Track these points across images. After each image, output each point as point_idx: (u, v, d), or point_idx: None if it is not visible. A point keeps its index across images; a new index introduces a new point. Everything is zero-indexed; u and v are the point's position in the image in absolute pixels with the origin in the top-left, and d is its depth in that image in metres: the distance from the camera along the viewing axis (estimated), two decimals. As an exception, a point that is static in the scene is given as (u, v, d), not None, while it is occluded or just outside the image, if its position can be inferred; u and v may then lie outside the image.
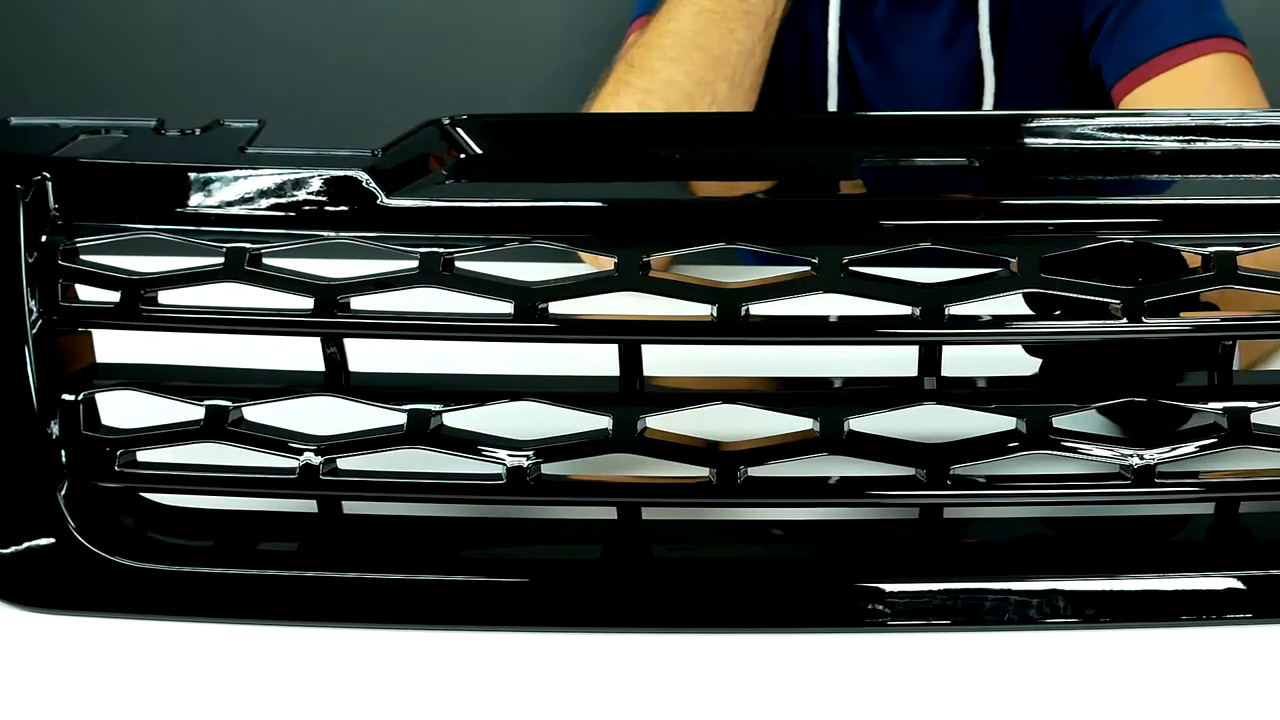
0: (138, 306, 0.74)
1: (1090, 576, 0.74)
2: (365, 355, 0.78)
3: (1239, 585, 0.74)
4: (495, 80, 2.17)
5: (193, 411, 0.75)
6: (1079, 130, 0.78)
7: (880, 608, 0.73)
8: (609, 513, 0.76)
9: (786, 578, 0.75)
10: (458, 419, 0.75)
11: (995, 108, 1.43)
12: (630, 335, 0.75)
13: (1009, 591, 0.74)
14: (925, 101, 1.44)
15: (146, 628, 0.74)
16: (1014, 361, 0.81)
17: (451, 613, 0.74)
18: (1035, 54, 1.42)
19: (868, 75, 1.45)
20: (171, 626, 0.74)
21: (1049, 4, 1.42)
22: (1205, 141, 0.77)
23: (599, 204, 0.74)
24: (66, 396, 0.75)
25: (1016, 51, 1.42)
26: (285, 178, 0.74)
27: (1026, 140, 0.78)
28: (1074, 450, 0.74)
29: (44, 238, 0.75)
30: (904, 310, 0.73)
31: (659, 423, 0.75)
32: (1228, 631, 0.73)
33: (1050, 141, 0.78)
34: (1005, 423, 0.74)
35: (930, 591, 0.74)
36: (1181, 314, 0.74)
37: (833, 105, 1.46)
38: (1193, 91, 1.28)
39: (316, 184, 0.74)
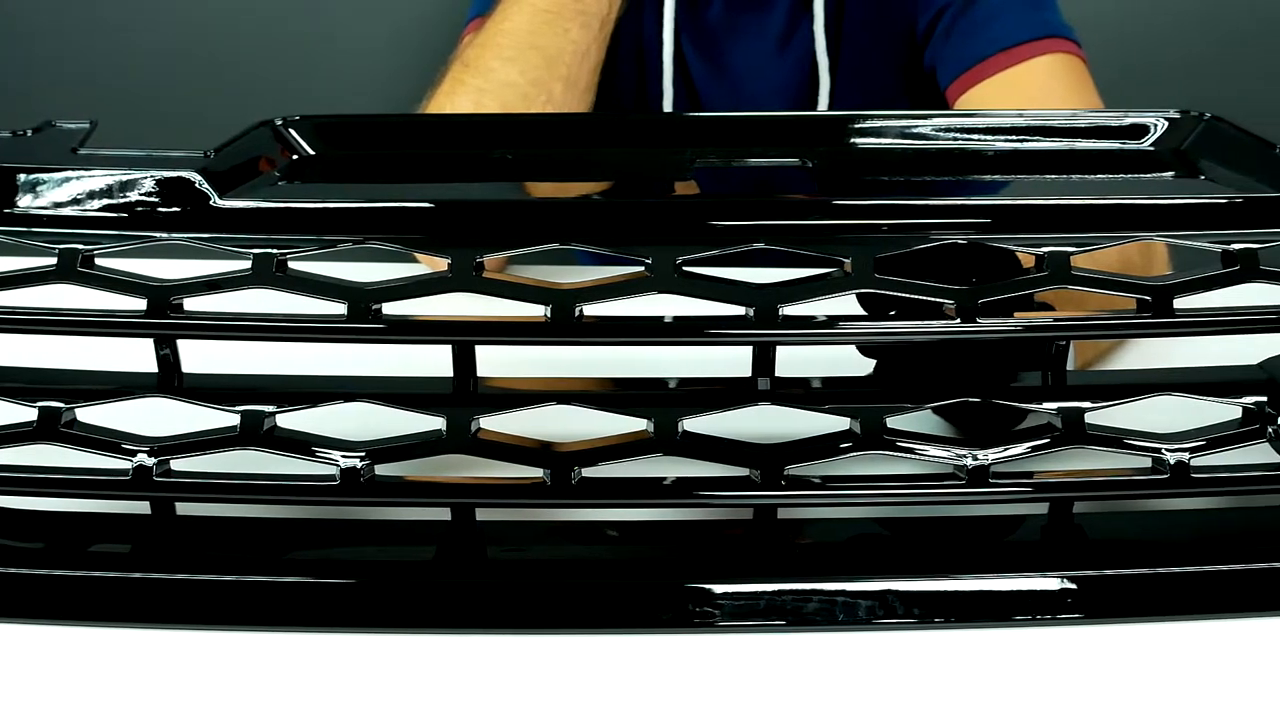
0: (-31, 308, 0.74)
1: (924, 577, 0.74)
2: (220, 356, 0.78)
3: (1070, 586, 0.74)
4: (330, 81, 2.15)
5: (25, 413, 0.75)
6: (913, 131, 0.78)
7: (712, 609, 0.73)
8: (445, 514, 0.76)
9: (618, 579, 0.75)
10: (292, 420, 0.75)
11: (831, 108, 1.42)
12: (463, 336, 0.75)
13: (843, 592, 0.74)
14: (761, 102, 1.44)
15: (-22, 630, 0.73)
16: (849, 362, 0.81)
17: (283, 614, 0.73)
18: (870, 54, 1.42)
19: (703, 76, 1.45)
20: (3, 629, 0.73)
21: (884, 4, 1.42)
22: (1038, 142, 0.77)
23: (429, 205, 0.74)
24: (-103, 399, 0.75)
25: (851, 52, 1.42)
26: (118, 179, 0.74)
27: (860, 141, 0.78)
28: (909, 450, 0.74)
29: (-127, 240, 0.75)
30: (738, 311, 0.73)
31: (493, 423, 0.74)
32: (1060, 632, 0.73)
33: (884, 142, 0.78)
34: (839, 423, 0.74)
35: (763, 592, 0.74)
36: (1016, 314, 0.74)
37: (668, 106, 1.46)
38: (1027, 92, 1.28)
39: (149, 185, 0.74)
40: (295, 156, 0.77)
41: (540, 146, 0.79)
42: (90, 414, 0.75)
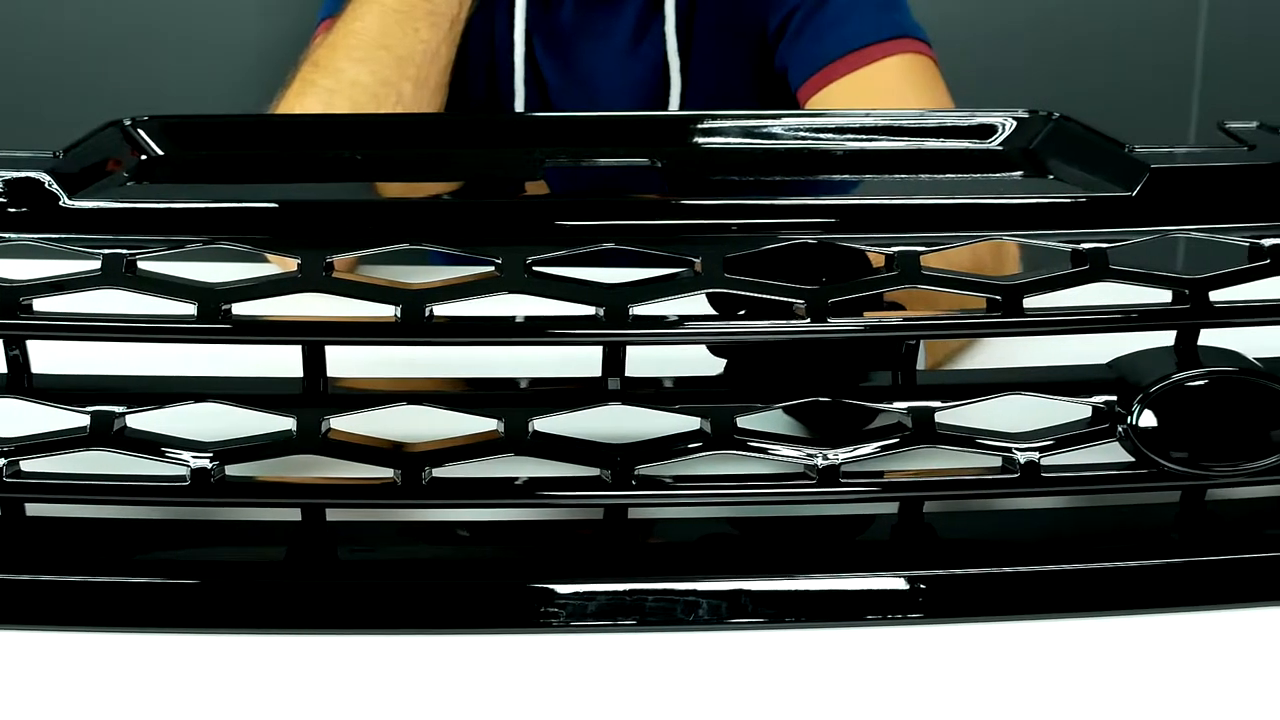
0: None
1: (775, 577, 0.74)
2: (71, 357, 0.77)
3: (920, 585, 0.74)
4: (180, 82, 2.14)
5: (-128, 415, 0.75)
6: (763, 130, 0.78)
7: (563, 608, 0.73)
8: (296, 514, 0.76)
9: (469, 579, 0.75)
10: (142, 420, 0.75)
11: (682, 108, 1.43)
12: (313, 336, 0.74)
13: (694, 592, 0.74)
14: (612, 103, 1.45)
15: None
16: (700, 362, 0.81)
17: (132, 615, 0.73)
18: (722, 55, 1.43)
19: (554, 77, 1.46)
20: None
21: (735, 5, 1.43)
22: (887, 141, 0.77)
23: (278, 205, 0.74)
24: None
25: (703, 52, 1.42)
26: (-35, 179, 0.74)
27: (709, 140, 0.78)
28: (759, 450, 0.74)
29: None
30: (588, 311, 0.73)
31: (344, 424, 0.74)
32: (911, 631, 0.73)
33: (734, 141, 0.78)
34: (690, 423, 0.74)
35: (614, 592, 0.74)
36: (866, 314, 0.74)
37: (519, 106, 1.47)
38: (878, 92, 1.28)
39: (-3, 185, 0.74)
40: (144, 157, 0.77)
41: (390, 147, 0.80)
42: (-61, 416, 0.75)
